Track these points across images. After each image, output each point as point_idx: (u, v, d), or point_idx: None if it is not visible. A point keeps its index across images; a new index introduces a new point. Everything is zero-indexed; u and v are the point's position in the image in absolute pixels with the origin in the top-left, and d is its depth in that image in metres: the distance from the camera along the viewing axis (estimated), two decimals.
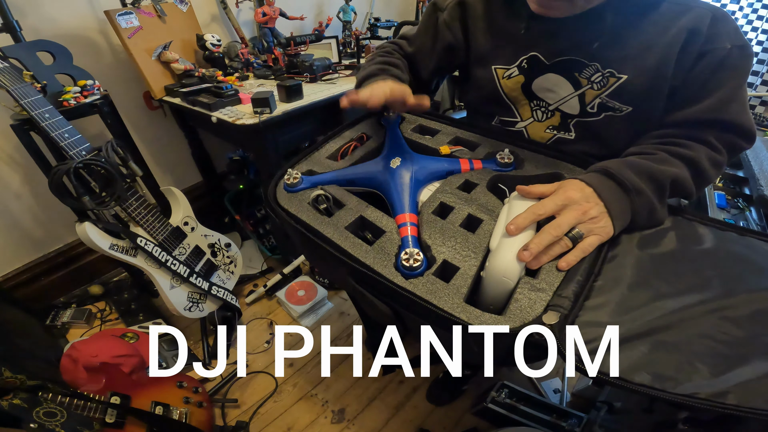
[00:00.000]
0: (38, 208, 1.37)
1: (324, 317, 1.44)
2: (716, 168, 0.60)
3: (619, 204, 0.54)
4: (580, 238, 0.51)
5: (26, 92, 0.91)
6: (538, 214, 0.52)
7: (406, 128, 0.80)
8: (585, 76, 0.66)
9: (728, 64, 0.57)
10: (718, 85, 0.58)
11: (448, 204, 0.61)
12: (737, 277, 0.48)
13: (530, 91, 0.73)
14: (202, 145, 1.65)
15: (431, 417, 1.12)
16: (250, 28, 1.66)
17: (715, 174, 0.60)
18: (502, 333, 0.43)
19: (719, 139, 0.59)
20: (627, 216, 0.54)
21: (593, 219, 0.52)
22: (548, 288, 0.47)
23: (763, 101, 1.64)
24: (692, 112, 0.60)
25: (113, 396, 0.91)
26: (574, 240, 0.51)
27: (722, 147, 0.60)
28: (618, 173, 0.55)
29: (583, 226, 0.51)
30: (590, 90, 0.66)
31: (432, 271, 0.51)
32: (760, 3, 1.56)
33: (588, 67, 0.65)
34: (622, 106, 0.65)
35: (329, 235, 0.57)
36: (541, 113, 0.74)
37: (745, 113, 0.59)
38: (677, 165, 0.58)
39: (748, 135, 0.60)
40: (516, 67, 0.72)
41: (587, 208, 0.52)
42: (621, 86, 0.64)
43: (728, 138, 0.60)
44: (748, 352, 0.40)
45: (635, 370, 0.39)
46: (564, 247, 0.51)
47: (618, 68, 0.63)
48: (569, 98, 0.69)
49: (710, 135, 0.59)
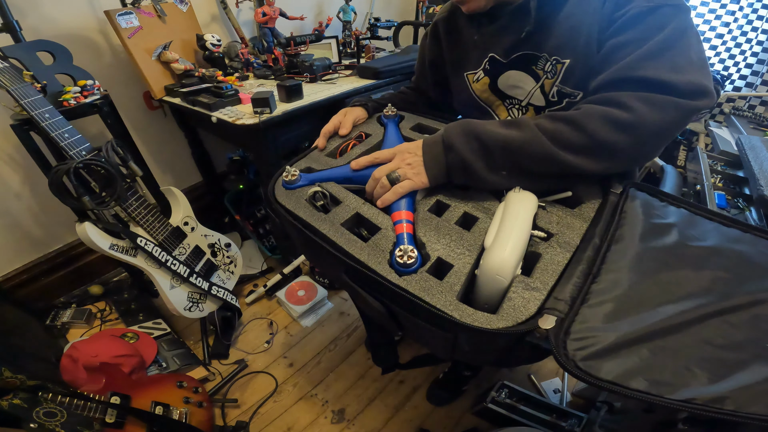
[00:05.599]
0: (38, 208, 1.37)
1: (324, 317, 1.44)
2: (612, 126, 0.52)
3: (434, 157, 0.61)
4: (396, 180, 0.60)
5: (26, 92, 0.91)
6: (375, 158, 0.66)
7: (405, 126, 0.80)
8: (540, 67, 0.69)
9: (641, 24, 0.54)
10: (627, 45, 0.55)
11: (444, 202, 0.62)
12: (738, 279, 0.48)
13: (499, 91, 0.77)
14: (202, 145, 1.65)
15: (431, 417, 1.12)
16: (250, 28, 1.67)
17: (607, 131, 0.52)
18: (494, 332, 0.43)
19: (633, 97, 0.52)
20: (441, 168, 0.61)
21: (410, 165, 0.62)
22: (542, 287, 0.47)
23: (763, 101, 1.64)
24: (602, 77, 0.57)
25: (113, 396, 0.91)
26: (393, 182, 0.60)
27: (635, 105, 0.52)
28: (445, 131, 0.62)
29: (401, 171, 0.61)
30: (547, 80, 0.69)
31: (426, 268, 0.51)
32: (760, 3, 1.56)
33: (540, 59, 0.68)
34: (573, 90, 0.67)
35: (325, 231, 0.57)
36: (517, 110, 0.78)
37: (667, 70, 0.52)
38: (525, 129, 0.56)
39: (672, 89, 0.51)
40: (481, 70, 0.77)
41: (408, 157, 0.63)
42: (567, 71, 0.65)
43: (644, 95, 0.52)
44: (747, 356, 0.40)
45: (632, 376, 0.39)
46: (384, 188, 0.61)
47: (560, 54, 0.65)
48: (534, 91, 0.72)
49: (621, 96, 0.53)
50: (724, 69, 1.75)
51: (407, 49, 1.62)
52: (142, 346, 1.20)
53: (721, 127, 1.56)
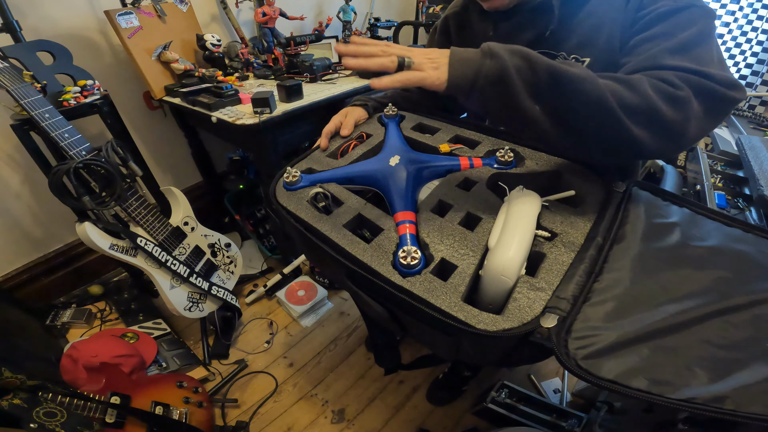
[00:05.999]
0: (38, 208, 1.37)
1: (324, 317, 1.44)
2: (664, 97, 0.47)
3: (465, 59, 0.50)
4: (408, 66, 0.50)
5: (26, 92, 0.91)
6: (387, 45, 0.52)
7: (406, 126, 0.80)
8: None
9: (669, 20, 0.54)
10: (655, 38, 0.54)
11: (447, 202, 0.61)
12: (740, 278, 0.48)
13: None
14: (202, 145, 1.65)
15: (431, 417, 1.12)
16: (250, 28, 1.66)
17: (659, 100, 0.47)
18: (500, 333, 0.43)
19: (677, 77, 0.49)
20: (470, 72, 0.49)
21: (431, 59, 0.51)
22: (547, 287, 0.47)
23: (763, 101, 1.64)
24: (633, 64, 0.55)
25: (113, 396, 0.91)
26: (401, 65, 0.50)
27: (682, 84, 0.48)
28: (484, 44, 0.51)
29: (418, 59, 0.50)
30: None
31: (430, 269, 0.50)
32: (760, 3, 1.56)
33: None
34: None
35: (327, 232, 0.56)
36: None
37: (700, 62, 0.50)
38: (580, 69, 0.48)
39: (710, 78, 0.48)
40: None
41: (431, 52, 0.52)
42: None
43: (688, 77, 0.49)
44: (747, 356, 0.40)
45: (633, 375, 0.39)
46: (388, 63, 0.49)
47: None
48: None
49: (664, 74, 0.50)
50: None
51: None
52: (142, 346, 1.19)
53: (721, 127, 1.55)
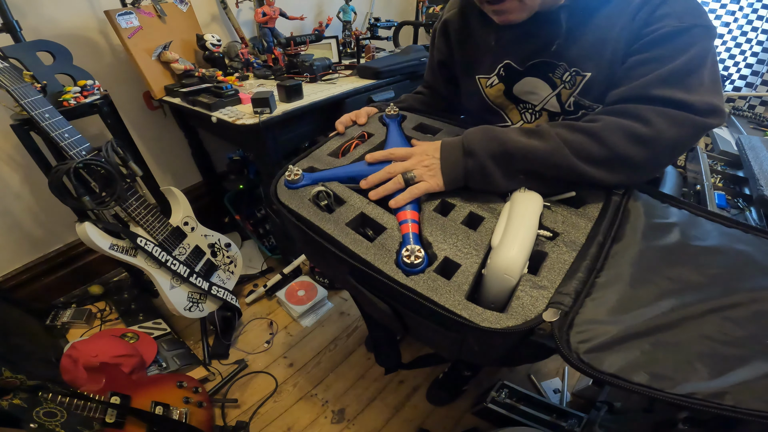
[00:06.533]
0: (38, 208, 1.36)
1: (324, 317, 1.44)
2: (632, 140, 0.53)
3: (452, 161, 0.60)
4: (411, 180, 0.60)
5: (26, 92, 0.91)
6: (392, 153, 0.66)
7: (408, 126, 0.80)
8: (557, 76, 0.68)
9: (668, 44, 0.55)
10: (649, 63, 0.56)
11: (449, 201, 0.61)
12: (740, 276, 0.48)
13: (513, 96, 0.76)
14: (202, 145, 1.65)
15: (431, 417, 1.12)
16: (250, 28, 1.66)
17: (626, 145, 0.54)
18: (504, 331, 0.43)
19: (652, 111, 0.54)
20: (459, 173, 0.60)
21: (427, 167, 0.61)
22: (550, 285, 0.47)
23: (763, 101, 1.64)
24: (621, 90, 0.58)
25: (113, 396, 0.91)
26: (408, 181, 0.60)
27: (654, 119, 0.53)
28: (465, 136, 0.61)
29: (417, 172, 0.61)
30: (564, 89, 0.68)
31: (433, 268, 0.51)
32: (760, 3, 1.56)
33: (558, 67, 0.67)
34: (593, 103, 0.66)
35: (330, 231, 0.56)
36: (530, 115, 0.77)
37: (686, 90, 0.54)
38: (548, 140, 0.56)
39: (688, 107, 0.53)
40: (495, 76, 0.76)
41: (425, 159, 0.62)
42: (587, 84, 0.65)
43: (662, 110, 0.53)
44: (747, 352, 0.40)
45: (634, 370, 0.39)
46: (397, 184, 0.61)
47: (581, 66, 0.64)
48: (549, 98, 0.72)
49: (639, 109, 0.54)
50: (724, 69, 1.75)
51: (407, 49, 1.62)
52: (142, 346, 1.19)
53: (721, 127, 1.56)
